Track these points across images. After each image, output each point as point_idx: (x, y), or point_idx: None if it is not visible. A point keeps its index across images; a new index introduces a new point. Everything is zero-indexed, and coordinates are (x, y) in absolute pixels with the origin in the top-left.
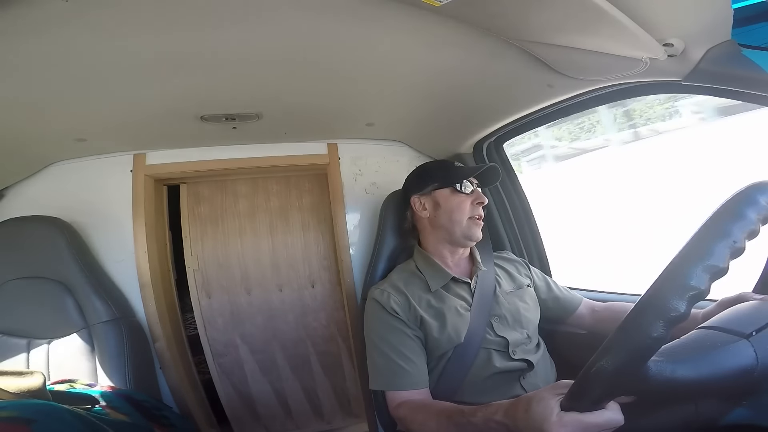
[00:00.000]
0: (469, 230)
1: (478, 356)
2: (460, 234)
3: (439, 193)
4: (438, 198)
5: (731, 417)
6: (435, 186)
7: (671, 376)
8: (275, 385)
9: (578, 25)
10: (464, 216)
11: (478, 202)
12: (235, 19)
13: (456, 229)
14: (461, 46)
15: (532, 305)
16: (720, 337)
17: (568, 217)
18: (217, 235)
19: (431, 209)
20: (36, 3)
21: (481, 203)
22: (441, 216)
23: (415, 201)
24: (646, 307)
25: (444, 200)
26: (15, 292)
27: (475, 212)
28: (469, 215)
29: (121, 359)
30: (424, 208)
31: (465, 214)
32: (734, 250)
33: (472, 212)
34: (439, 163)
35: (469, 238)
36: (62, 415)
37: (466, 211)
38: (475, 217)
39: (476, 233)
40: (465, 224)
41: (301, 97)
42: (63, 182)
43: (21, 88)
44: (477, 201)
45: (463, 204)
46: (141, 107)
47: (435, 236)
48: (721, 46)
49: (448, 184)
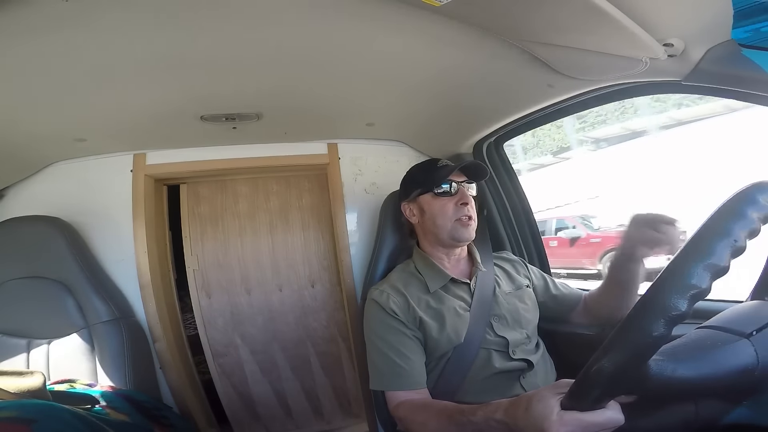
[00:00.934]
0: (456, 233)
1: (478, 356)
2: (446, 237)
3: (423, 199)
4: (422, 203)
5: (731, 417)
6: (418, 191)
7: (672, 375)
8: (275, 385)
9: (578, 25)
10: (447, 220)
11: (462, 203)
12: (235, 19)
13: (442, 233)
14: (461, 46)
15: (531, 306)
16: (720, 336)
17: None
18: (217, 235)
19: (419, 215)
20: (36, 3)
21: (465, 203)
22: (427, 221)
23: (405, 208)
24: (647, 306)
25: (427, 205)
26: (15, 292)
27: (460, 213)
28: (454, 218)
29: (121, 359)
30: (413, 214)
31: (448, 218)
32: (735, 249)
33: (456, 214)
34: (423, 164)
35: (457, 240)
36: (62, 415)
37: (449, 215)
38: (462, 218)
39: (463, 235)
40: (450, 227)
41: (301, 97)
42: (63, 182)
43: (21, 88)
44: (461, 201)
45: (446, 207)
46: (141, 107)
47: (428, 240)
48: (721, 46)
49: (429, 188)
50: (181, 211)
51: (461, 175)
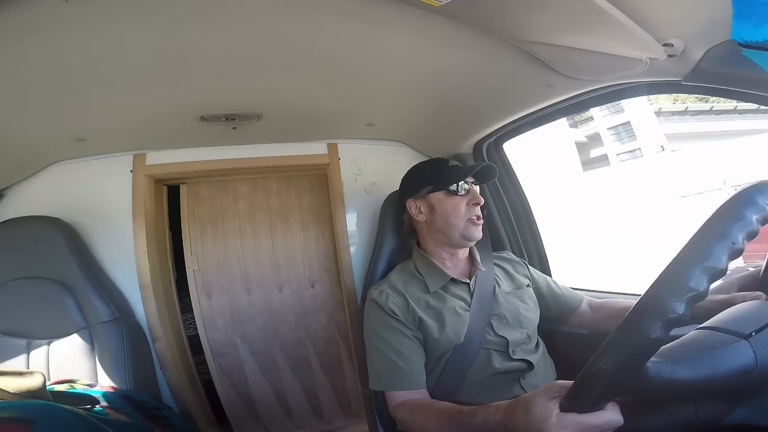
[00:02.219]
0: (467, 231)
1: (478, 356)
2: (458, 236)
3: (434, 196)
4: (433, 201)
5: (731, 417)
6: (429, 189)
7: (670, 376)
8: (275, 385)
9: (578, 25)
10: (460, 219)
11: (474, 203)
12: (235, 19)
13: (453, 233)
14: (461, 46)
15: (531, 305)
16: (719, 337)
17: None
18: (217, 235)
19: (427, 213)
20: (36, 3)
21: (477, 204)
22: (437, 220)
23: (410, 205)
24: (645, 309)
25: (439, 203)
26: (15, 292)
27: (471, 213)
28: (466, 217)
29: (121, 359)
30: (420, 212)
31: (461, 217)
32: (733, 251)
33: (468, 214)
34: (432, 162)
35: (468, 239)
36: (62, 415)
37: (461, 214)
38: (473, 218)
39: (475, 234)
40: (462, 226)
41: (301, 97)
42: (63, 182)
43: (21, 88)
44: (473, 202)
45: (459, 206)
46: (141, 107)
47: (433, 239)
48: (721, 46)
49: (441, 186)
50: (181, 212)
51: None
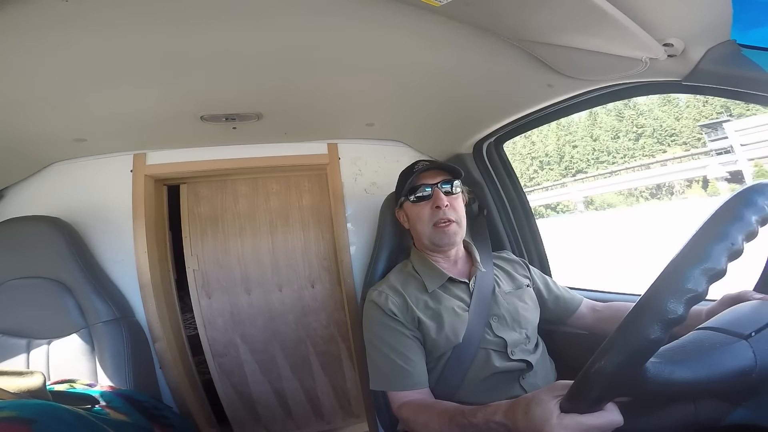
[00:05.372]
0: (435, 238)
1: (477, 356)
2: (428, 242)
3: (406, 205)
4: (406, 210)
5: (731, 417)
6: (402, 199)
7: (669, 377)
8: (275, 385)
9: (578, 25)
10: (425, 225)
11: (436, 207)
12: (235, 19)
13: (424, 239)
14: (461, 46)
15: (531, 305)
16: (719, 338)
17: None
18: (217, 235)
19: (407, 221)
20: (36, 3)
21: (438, 207)
22: (413, 227)
23: (398, 215)
24: (644, 310)
25: (409, 211)
26: (15, 292)
27: (434, 218)
28: (431, 223)
29: (121, 359)
30: (405, 220)
31: (425, 223)
32: (732, 252)
33: (432, 219)
34: (404, 170)
35: (438, 246)
36: (62, 415)
37: (425, 220)
38: (439, 223)
39: (443, 239)
40: (429, 233)
41: (301, 97)
42: (63, 182)
43: (21, 87)
44: (434, 205)
45: (422, 212)
46: (141, 107)
47: (421, 243)
48: (721, 46)
49: (406, 195)
50: (181, 211)
51: (438, 174)
